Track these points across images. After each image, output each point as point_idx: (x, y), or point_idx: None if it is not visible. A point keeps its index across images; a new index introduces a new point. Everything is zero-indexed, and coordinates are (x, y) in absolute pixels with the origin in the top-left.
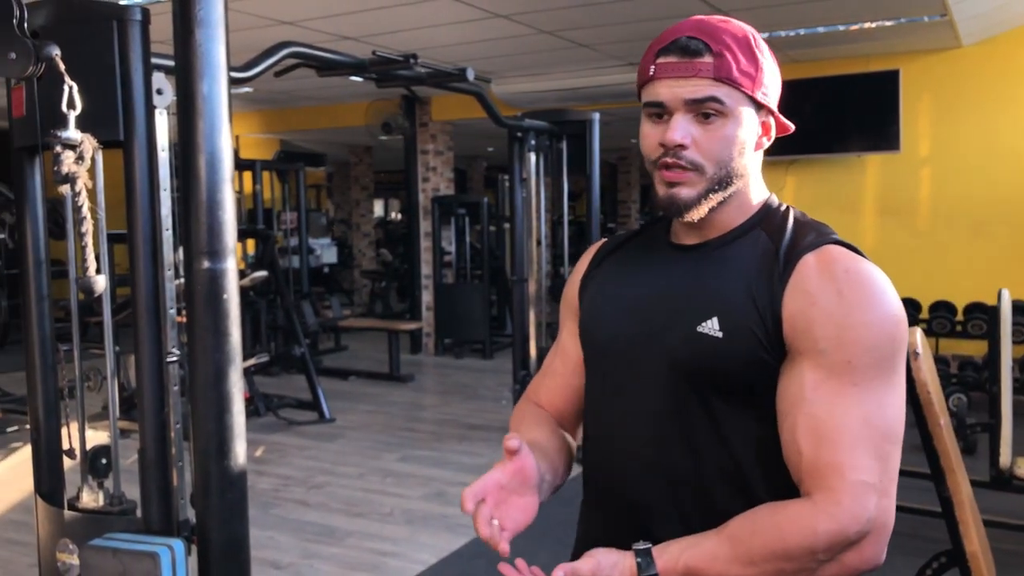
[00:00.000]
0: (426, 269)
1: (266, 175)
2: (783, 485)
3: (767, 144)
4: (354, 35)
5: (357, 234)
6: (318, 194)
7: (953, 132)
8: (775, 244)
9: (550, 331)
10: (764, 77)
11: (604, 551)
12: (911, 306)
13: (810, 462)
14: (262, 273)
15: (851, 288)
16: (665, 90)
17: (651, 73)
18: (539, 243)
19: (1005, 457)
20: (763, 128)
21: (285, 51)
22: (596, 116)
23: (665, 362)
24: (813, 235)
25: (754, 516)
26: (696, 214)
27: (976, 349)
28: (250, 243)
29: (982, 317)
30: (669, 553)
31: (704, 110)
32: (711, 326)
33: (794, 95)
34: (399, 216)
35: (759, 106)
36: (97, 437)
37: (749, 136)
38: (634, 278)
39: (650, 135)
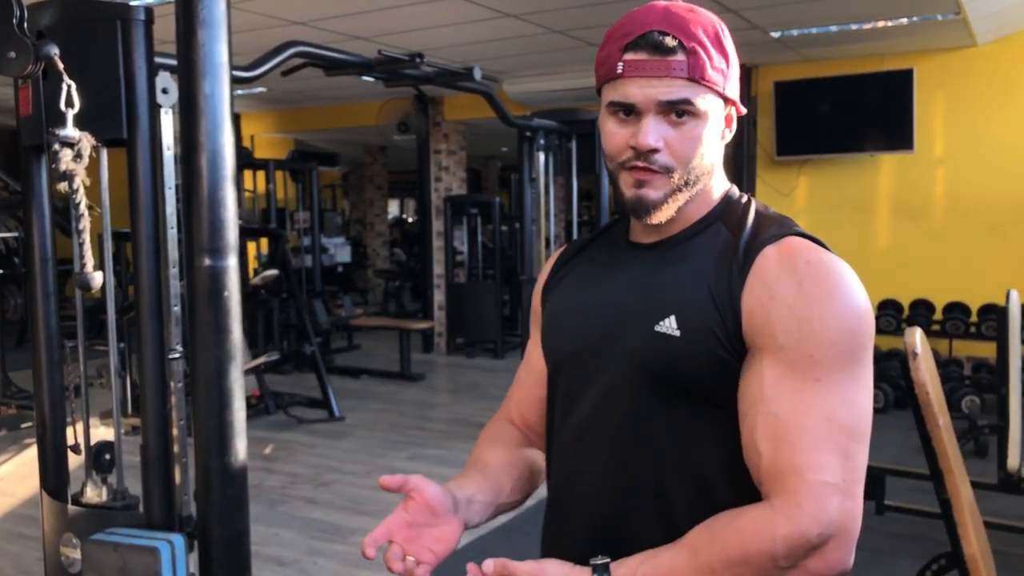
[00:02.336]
0: (438, 269)
1: (279, 174)
2: (750, 494)
3: (729, 136)
4: (365, 35)
5: (371, 233)
6: (334, 193)
7: (968, 131)
8: (735, 237)
9: None
10: (731, 71)
11: (555, 564)
12: (925, 307)
13: (769, 464)
14: (273, 272)
15: (812, 280)
16: (636, 90)
17: (619, 71)
18: (548, 243)
19: (1013, 459)
20: (726, 121)
21: (291, 51)
22: None
23: (627, 364)
24: (775, 227)
25: (712, 523)
26: (663, 215)
27: (991, 351)
28: (264, 242)
29: (996, 318)
30: (626, 567)
31: (677, 111)
32: (669, 325)
33: (807, 95)
34: (411, 217)
35: (726, 100)
36: (105, 433)
37: (716, 133)
38: (593, 282)
39: (617, 134)
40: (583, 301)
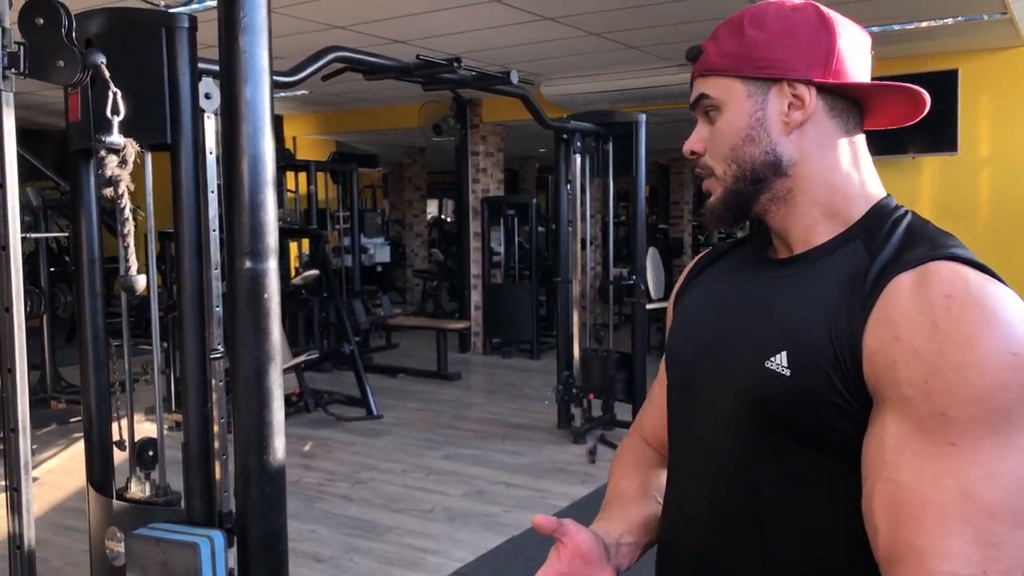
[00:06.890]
0: (475, 269)
1: (320, 175)
2: (873, 567)
3: (800, 118)
4: (404, 39)
5: (410, 234)
6: (374, 194)
7: (1014, 133)
8: (872, 259)
9: (595, 332)
10: (757, 51)
11: None
12: None
13: (887, 543)
14: (314, 272)
15: (951, 319)
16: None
17: None
18: (584, 244)
19: None
20: (788, 104)
21: (330, 56)
22: (642, 118)
23: (733, 396)
24: (924, 248)
25: None
26: (722, 223)
27: None
28: (305, 242)
29: None
30: None
31: (705, 110)
32: (779, 361)
33: None
34: (449, 218)
35: (765, 81)
36: (149, 429)
37: (756, 119)
38: (719, 296)
39: None
40: (705, 316)
